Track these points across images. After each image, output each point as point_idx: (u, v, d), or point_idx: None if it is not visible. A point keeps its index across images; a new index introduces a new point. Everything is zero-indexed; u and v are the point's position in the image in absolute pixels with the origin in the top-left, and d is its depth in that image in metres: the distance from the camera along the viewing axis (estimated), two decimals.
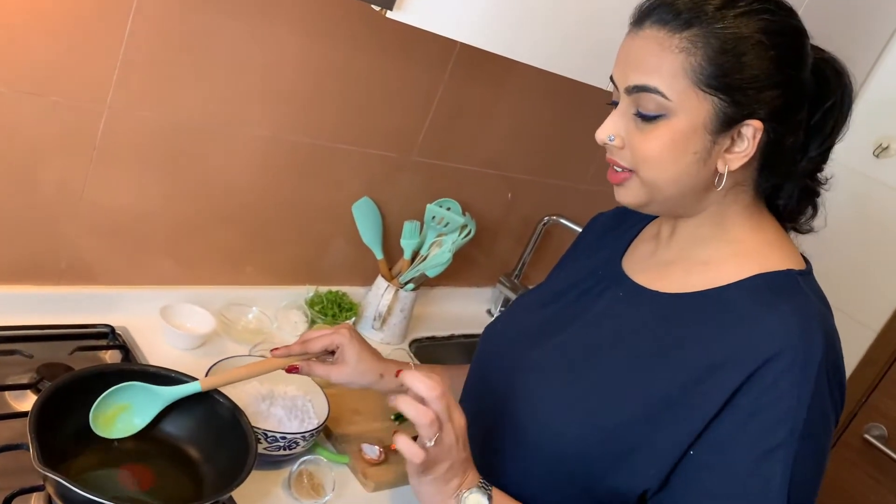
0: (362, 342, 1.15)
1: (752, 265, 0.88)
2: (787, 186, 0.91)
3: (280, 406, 1.23)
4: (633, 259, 1.02)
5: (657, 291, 0.94)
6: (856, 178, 2.04)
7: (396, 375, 0.96)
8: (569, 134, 1.90)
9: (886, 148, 2.01)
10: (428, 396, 0.85)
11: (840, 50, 0.93)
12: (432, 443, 0.85)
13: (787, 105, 0.84)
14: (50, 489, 0.92)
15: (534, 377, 0.97)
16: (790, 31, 0.84)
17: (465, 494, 0.88)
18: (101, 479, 0.98)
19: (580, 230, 1.89)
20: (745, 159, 0.84)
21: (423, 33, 1.07)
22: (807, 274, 0.89)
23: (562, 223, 1.94)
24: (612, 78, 0.89)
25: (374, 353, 1.17)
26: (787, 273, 0.87)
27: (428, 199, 1.68)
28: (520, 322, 1.09)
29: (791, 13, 0.85)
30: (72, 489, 0.86)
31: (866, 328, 2.04)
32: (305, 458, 1.16)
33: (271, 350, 1.15)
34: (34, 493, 0.96)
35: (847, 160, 2.06)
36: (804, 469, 0.80)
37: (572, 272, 1.11)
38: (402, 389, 0.89)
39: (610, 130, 0.86)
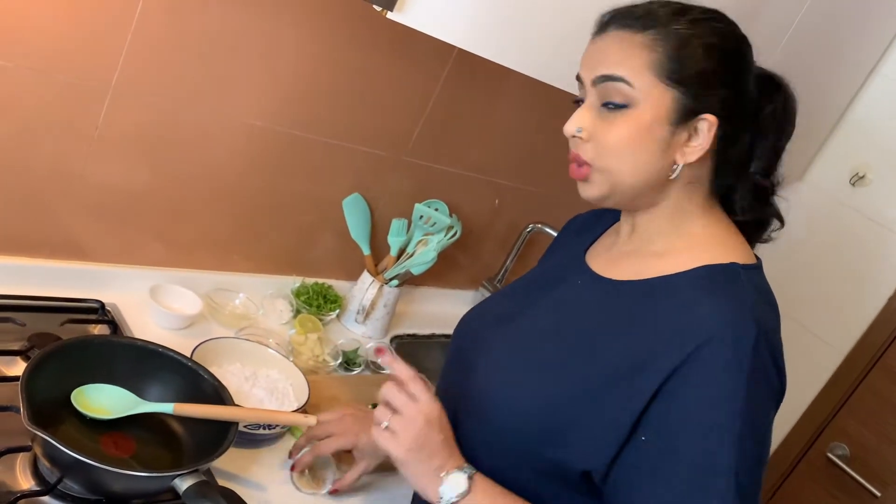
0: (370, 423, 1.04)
1: (700, 257, 0.93)
2: (739, 186, 0.97)
3: (262, 387, 1.27)
4: (595, 252, 1.08)
5: (610, 279, 0.99)
6: (832, 206, 2.11)
7: (376, 353, 1.02)
8: (556, 144, 1.94)
9: (863, 177, 2.08)
10: (398, 377, 0.95)
11: (819, 81, 1.00)
12: (385, 425, 0.93)
13: (736, 104, 0.92)
14: (37, 449, 0.96)
15: (488, 356, 1.03)
16: (737, 37, 0.94)
17: (445, 475, 0.92)
18: (83, 443, 1.01)
19: None
20: (702, 152, 0.91)
21: (422, 36, 1.12)
22: (752, 269, 0.94)
23: (546, 231, 1.99)
24: (578, 77, 0.95)
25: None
26: (731, 266, 0.92)
27: (417, 199, 1.72)
28: (489, 310, 1.15)
29: (735, 25, 0.94)
30: (59, 448, 0.89)
31: (834, 350, 2.10)
32: (306, 449, 1.19)
33: (290, 453, 1.20)
34: (20, 454, 0.99)
35: (825, 187, 2.13)
36: (745, 449, 0.83)
37: (544, 267, 1.18)
38: None
39: (577, 123, 0.92)
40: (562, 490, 0.93)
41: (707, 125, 0.90)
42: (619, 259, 1.01)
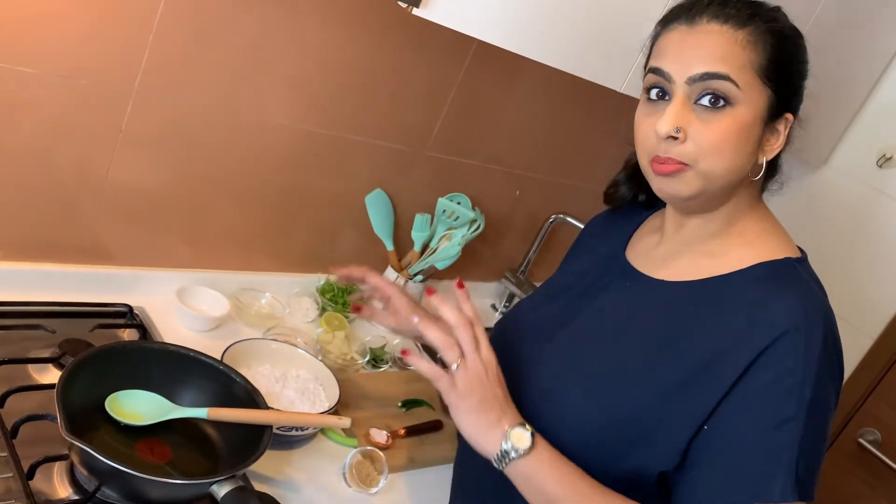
0: (410, 296, 1.21)
1: (753, 254, 0.93)
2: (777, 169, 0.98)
3: (292, 388, 1.26)
4: (636, 251, 1.06)
5: (662, 280, 0.97)
6: (859, 189, 2.08)
7: (402, 354, 0.97)
8: (578, 134, 1.94)
9: (890, 158, 2.04)
10: (454, 322, 0.89)
11: (845, 61, 0.98)
12: (455, 367, 0.87)
13: (800, 100, 0.93)
14: (74, 457, 0.96)
15: (547, 373, 0.99)
16: (799, 34, 0.93)
17: (509, 430, 0.87)
18: (119, 450, 1.01)
19: None
20: (777, 150, 0.92)
21: (441, 29, 1.11)
22: (803, 261, 0.94)
23: (568, 222, 1.98)
24: (657, 71, 0.89)
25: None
26: (786, 261, 0.92)
27: (439, 193, 1.71)
28: (527, 319, 1.11)
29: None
30: (96, 457, 0.89)
31: (864, 335, 2.07)
32: (359, 449, 1.21)
33: (337, 270, 1.20)
34: (57, 462, 0.99)
35: (850, 170, 2.10)
36: (810, 442, 0.83)
37: (576, 268, 1.14)
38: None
39: (675, 122, 0.86)
40: (638, 497, 0.90)
41: (786, 123, 0.91)
42: (667, 259, 0.99)
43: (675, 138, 0.86)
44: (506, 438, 0.87)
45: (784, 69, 0.88)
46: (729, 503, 0.83)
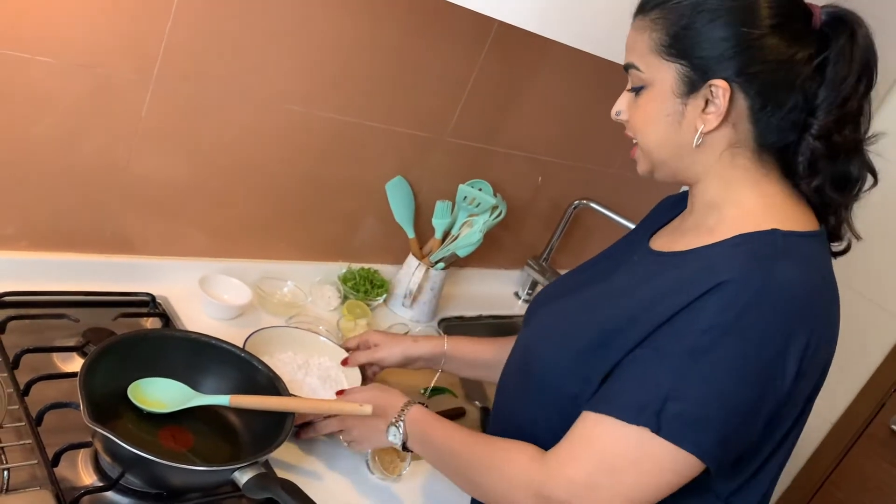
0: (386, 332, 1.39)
1: (745, 226, 0.91)
2: (800, 148, 0.91)
3: (315, 375, 1.26)
4: (661, 232, 1.08)
5: (660, 251, 1.01)
6: (889, 167, 2.02)
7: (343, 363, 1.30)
8: (600, 118, 1.89)
9: None
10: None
11: (880, 34, 0.93)
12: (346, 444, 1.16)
13: (754, 63, 0.88)
14: (98, 445, 0.97)
15: (542, 321, 1.09)
16: None
17: (387, 430, 1.09)
18: (142, 438, 1.01)
19: (610, 214, 1.91)
20: (719, 118, 0.90)
21: (461, 12, 1.09)
22: (799, 236, 0.90)
23: (591, 207, 1.95)
24: None
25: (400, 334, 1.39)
26: (770, 232, 0.90)
27: (460, 180, 1.70)
28: (554, 287, 1.19)
29: None
30: (119, 444, 0.90)
31: None
32: None
33: (341, 362, 1.31)
34: (81, 450, 1.00)
35: (885, 150, 2.05)
36: (694, 388, 0.84)
37: (611, 248, 1.17)
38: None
39: (616, 107, 0.99)
40: None
41: (721, 91, 0.89)
42: (678, 236, 1.01)
43: (621, 120, 0.98)
44: (389, 433, 1.09)
45: (687, 40, 0.90)
46: (594, 410, 0.89)
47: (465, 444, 1.03)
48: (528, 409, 1.04)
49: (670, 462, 0.85)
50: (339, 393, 1.19)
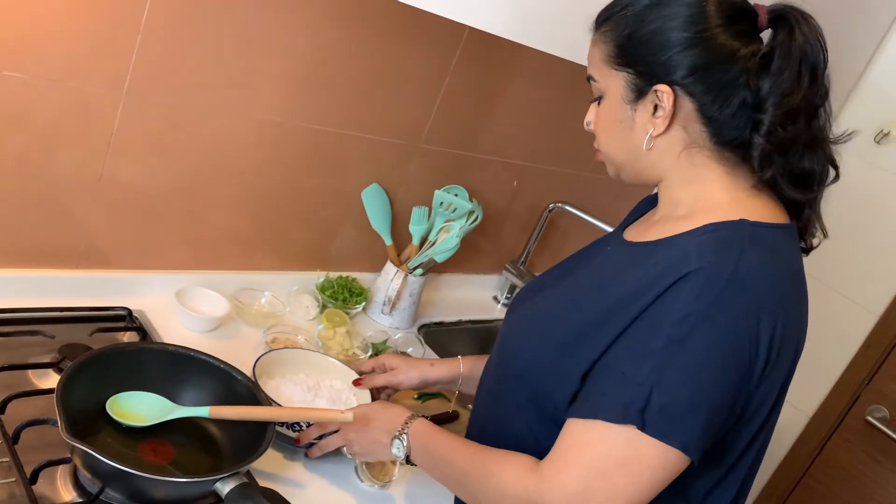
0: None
1: (713, 217, 0.93)
2: (753, 144, 0.92)
3: (325, 397, 1.26)
4: (634, 224, 1.10)
5: (632, 241, 1.03)
6: (858, 165, 2.06)
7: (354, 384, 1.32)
8: (573, 121, 1.91)
9: (887, 134, 2.04)
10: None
11: (841, 37, 0.95)
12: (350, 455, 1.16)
13: (696, 66, 0.91)
14: (77, 460, 0.96)
15: (518, 318, 1.11)
16: (669, 1, 0.92)
17: (391, 442, 1.09)
18: (122, 452, 1.00)
19: (586, 217, 1.93)
20: (666, 121, 0.93)
21: (433, 18, 1.10)
22: (768, 227, 0.92)
23: (567, 210, 1.97)
24: None
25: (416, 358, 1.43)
26: (739, 221, 0.91)
27: (436, 186, 1.70)
28: (533, 283, 1.20)
29: None
30: (99, 459, 0.89)
31: (868, 312, 2.07)
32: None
33: (353, 382, 1.32)
34: (60, 466, 0.99)
35: (849, 146, 2.09)
36: (673, 380, 0.84)
37: (592, 244, 1.19)
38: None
39: (586, 118, 1.04)
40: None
41: (664, 95, 0.92)
42: (649, 227, 1.03)
43: (591, 130, 1.03)
44: (393, 447, 1.09)
45: (630, 49, 0.94)
46: (580, 416, 0.90)
47: (464, 455, 1.02)
48: (505, 408, 1.04)
49: (660, 459, 0.85)
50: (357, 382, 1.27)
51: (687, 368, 0.85)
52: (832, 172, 0.97)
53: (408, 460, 1.08)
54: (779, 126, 0.90)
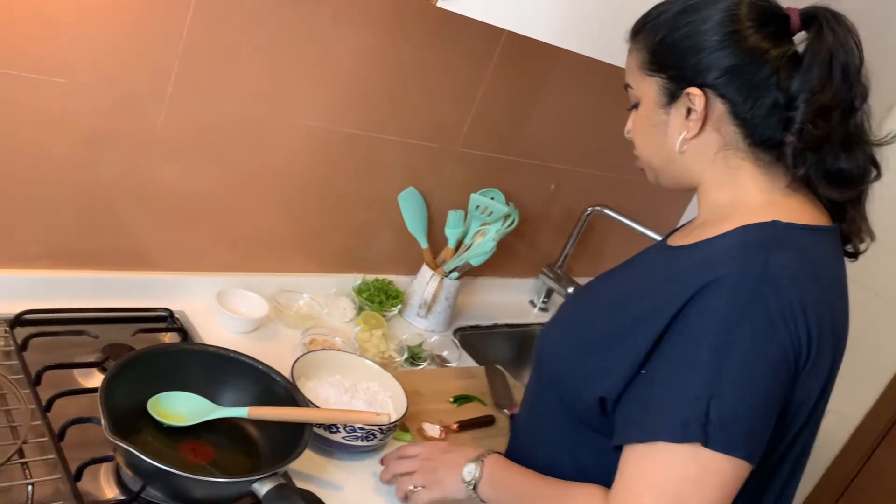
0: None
1: (747, 219, 0.92)
2: (786, 144, 0.91)
3: (361, 399, 1.27)
4: (682, 228, 1.09)
5: (672, 245, 1.03)
6: None
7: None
8: (613, 124, 1.90)
9: None
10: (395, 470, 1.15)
11: (889, 39, 0.92)
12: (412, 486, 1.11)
13: (726, 68, 0.91)
14: (119, 459, 0.98)
15: (552, 319, 1.14)
16: (700, 5, 0.94)
17: (463, 470, 1.07)
18: (163, 451, 1.02)
19: (625, 220, 1.91)
20: (699, 123, 0.94)
21: (470, 22, 1.10)
22: (802, 228, 0.91)
23: (606, 214, 1.95)
24: None
25: None
26: (771, 223, 0.91)
27: (472, 189, 1.70)
28: (584, 286, 1.22)
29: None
30: (141, 458, 0.90)
31: None
32: (410, 443, 1.23)
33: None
34: (103, 464, 1.01)
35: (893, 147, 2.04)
36: (728, 388, 0.83)
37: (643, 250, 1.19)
38: None
39: (627, 126, 1.06)
40: (595, 440, 0.98)
41: (696, 97, 0.93)
42: (691, 231, 1.02)
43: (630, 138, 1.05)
44: (466, 469, 1.06)
45: (662, 54, 0.96)
46: (634, 440, 0.87)
47: (539, 487, 1.01)
48: (538, 413, 1.05)
49: (728, 472, 0.83)
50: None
51: (739, 376, 0.83)
52: (873, 172, 0.95)
53: (474, 488, 1.05)
54: (809, 123, 0.89)
